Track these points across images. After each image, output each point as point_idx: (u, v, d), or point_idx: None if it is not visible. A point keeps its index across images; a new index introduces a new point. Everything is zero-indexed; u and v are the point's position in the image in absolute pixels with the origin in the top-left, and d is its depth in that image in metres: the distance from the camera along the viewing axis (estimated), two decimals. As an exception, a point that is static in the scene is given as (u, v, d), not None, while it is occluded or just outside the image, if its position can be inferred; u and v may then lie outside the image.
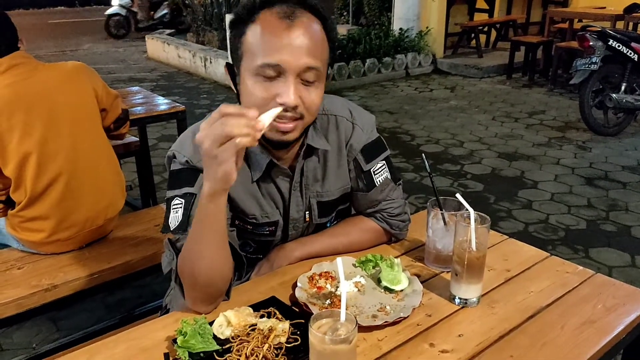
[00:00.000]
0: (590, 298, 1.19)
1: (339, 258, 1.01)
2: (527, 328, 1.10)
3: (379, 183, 1.34)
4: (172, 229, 1.17)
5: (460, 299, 1.17)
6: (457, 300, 1.17)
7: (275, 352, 0.99)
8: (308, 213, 1.34)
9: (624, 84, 4.90)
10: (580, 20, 7.01)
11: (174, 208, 1.17)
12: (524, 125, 5.40)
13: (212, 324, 1.04)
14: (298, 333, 1.04)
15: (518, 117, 5.68)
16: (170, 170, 1.23)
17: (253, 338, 1.01)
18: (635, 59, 4.83)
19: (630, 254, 3.06)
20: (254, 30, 1.09)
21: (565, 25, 7.11)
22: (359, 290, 1.20)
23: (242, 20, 1.12)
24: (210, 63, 7.48)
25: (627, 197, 3.80)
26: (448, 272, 1.26)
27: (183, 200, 1.16)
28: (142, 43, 9.94)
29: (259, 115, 0.94)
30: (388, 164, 1.37)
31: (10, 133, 1.75)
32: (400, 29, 7.77)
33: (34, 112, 1.77)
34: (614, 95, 4.83)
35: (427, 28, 7.78)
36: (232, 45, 1.16)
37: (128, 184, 3.03)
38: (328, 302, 1.14)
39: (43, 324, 2.42)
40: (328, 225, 1.43)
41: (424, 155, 1.43)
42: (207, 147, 0.92)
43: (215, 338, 1.02)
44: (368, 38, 7.31)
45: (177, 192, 1.18)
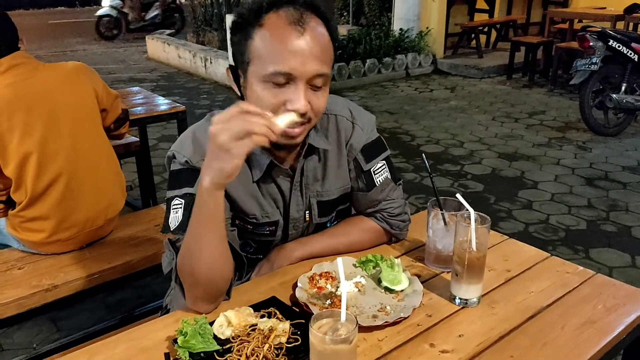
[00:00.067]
0: (591, 298, 1.19)
1: (340, 258, 1.01)
2: (527, 328, 1.10)
3: (379, 183, 1.34)
4: (172, 229, 1.17)
5: (461, 299, 1.17)
6: (457, 301, 1.17)
7: (276, 352, 0.99)
8: (308, 213, 1.34)
9: (624, 85, 4.90)
10: (581, 21, 7.01)
11: (174, 208, 1.18)
12: (524, 126, 5.40)
13: (212, 324, 1.04)
14: (298, 333, 1.04)
15: (518, 117, 5.68)
16: (170, 171, 1.23)
17: (253, 338, 1.01)
18: (636, 59, 4.83)
19: (631, 255, 3.06)
20: (263, 36, 1.08)
21: (566, 26, 7.10)
22: (360, 291, 1.20)
23: (247, 23, 1.11)
24: (211, 63, 7.48)
25: (627, 197, 3.79)
26: (448, 272, 1.26)
27: (183, 201, 1.16)
28: (142, 43, 9.93)
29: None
30: (388, 164, 1.37)
31: (11, 133, 1.75)
32: (401, 29, 7.77)
33: (35, 112, 1.77)
34: (614, 96, 4.83)
35: (427, 28, 7.79)
36: (236, 48, 1.15)
37: (128, 184, 3.03)
38: (328, 302, 1.14)
39: (43, 324, 2.42)
40: (328, 225, 1.44)
41: (424, 156, 1.42)
42: (223, 139, 0.94)
43: (216, 338, 1.02)
44: (368, 38, 7.31)
45: (177, 192, 1.19)
